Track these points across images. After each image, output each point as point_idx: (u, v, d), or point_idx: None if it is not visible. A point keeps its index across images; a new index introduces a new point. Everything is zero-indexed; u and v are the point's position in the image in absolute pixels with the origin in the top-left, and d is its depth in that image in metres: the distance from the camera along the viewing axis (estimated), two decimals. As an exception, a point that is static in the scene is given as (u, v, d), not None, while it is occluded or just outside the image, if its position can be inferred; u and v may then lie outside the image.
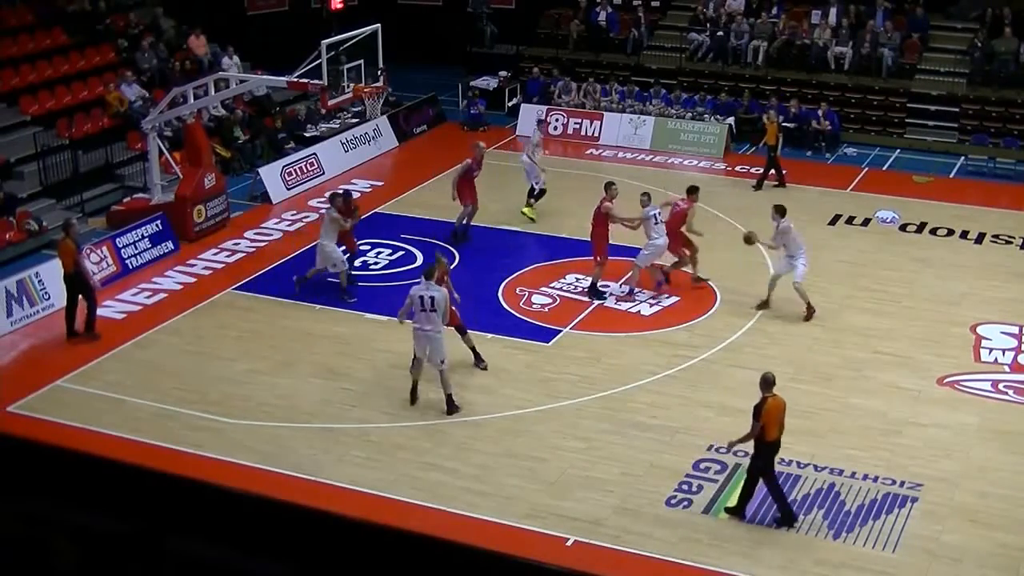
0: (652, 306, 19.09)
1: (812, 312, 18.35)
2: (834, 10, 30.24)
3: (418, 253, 21.05)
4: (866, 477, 14.22)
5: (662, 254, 19.24)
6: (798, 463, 14.28)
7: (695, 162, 27.25)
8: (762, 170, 25.24)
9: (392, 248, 21.54)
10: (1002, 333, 18.17)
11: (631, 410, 15.84)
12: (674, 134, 28.14)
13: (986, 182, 26.00)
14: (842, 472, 14.30)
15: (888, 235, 22.51)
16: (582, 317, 18.75)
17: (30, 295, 18.69)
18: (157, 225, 21.42)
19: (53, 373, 16.98)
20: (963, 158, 27.46)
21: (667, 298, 19.24)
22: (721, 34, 30.74)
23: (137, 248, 20.90)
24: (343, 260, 19.32)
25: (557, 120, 28.76)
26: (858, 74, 29.35)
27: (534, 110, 29.29)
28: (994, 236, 22.28)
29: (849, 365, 17.12)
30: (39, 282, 18.82)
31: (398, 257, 21.17)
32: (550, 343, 17.93)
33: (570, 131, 28.90)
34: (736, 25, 30.65)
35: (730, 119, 28.38)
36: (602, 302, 19.23)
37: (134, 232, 20.99)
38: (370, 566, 3.13)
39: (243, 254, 21.74)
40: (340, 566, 3.14)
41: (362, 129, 27.97)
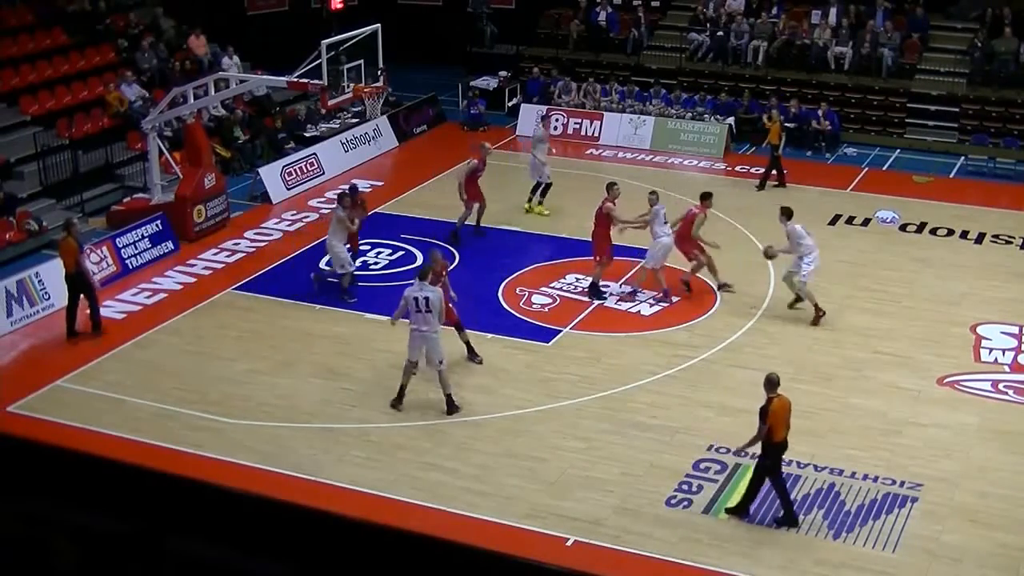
0: (652, 306, 19.10)
1: (820, 315, 18.15)
2: (834, 10, 30.24)
3: (418, 253, 21.03)
4: (866, 477, 14.22)
5: (669, 252, 19.19)
6: (798, 463, 14.27)
7: (695, 162, 27.25)
8: (764, 170, 25.23)
9: (392, 248, 21.55)
10: (1002, 333, 18.18)
11: (631, 410, 15.84)
12: (674, 134, 28.14)
13: (986, 182, 26.00)
14: (842, 472, 14.31)
15: (888, 235, 22.51)
16: (582, 317, 18.75)
17: (30, 295, 18.69)
18: (157, 225, 21.43)
19: (53, 373, 16.99)
20: (963, 158, 27.46)
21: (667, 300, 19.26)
22: (721, 34, 30.74)
23: (137, 248, 20.91)
24: (350, 262, 19.33)
25: (557, 120, 28.73)
26: (858, 74, 29.35)
27: (534, 110, 29.31)
28: (994, 236, 22.28)
29: (849, 365, 17.12)
30: (39, 282, 18.83)
31: (398, 257, 21.17)
32: (550, 343, 17.93)
33: (570, 131, 28.90)
34: (736, 25, 30.65)
35: (730, 119, 28.38)
36: (602, 302, 19.23)
37: (134, 232, 21.00)
38: (370, 566, 3.13)
39: (243, 254, 21.75)
40: (340, 566, 3.14)
41: (362, 129, 27.97)
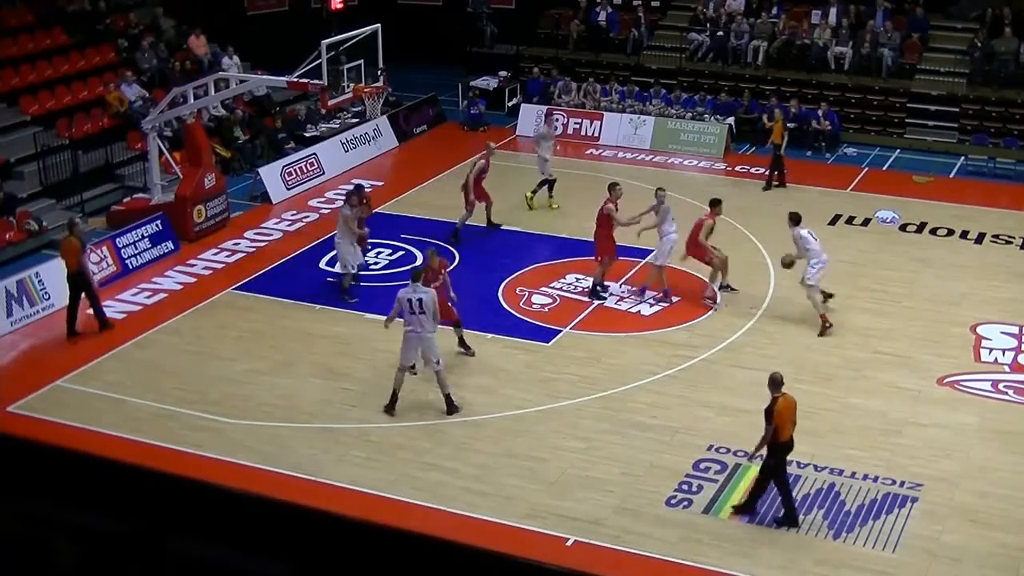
0: (652, 306, 19.10)
1: (827, 327, 17.88)
2: (834, 10, 30.24)
3: (418, 253, 21.00)
4: (866, 477, 14.22)
5: (674, 247, 19.19)
6: (798, 463, 14.26)
7: (695, 162, 27.25)
8: (768, 171, 25.19)
9: (392, 248, 21.55)
10: (1002, 333, 18.17)
11: (631, 410, 15.84)
12: (674, 134, 28.14)
13: (986, 182, 26.00)
14: (842, 472, 14.30)
15: (888, 235, 22.51)
16: (582, 317, 18.75)
17: (30, 295, 18.70)
18: (157, 225, 21.43)
19: (53, 373, 16.99)
20: (963, 158, 27.46)
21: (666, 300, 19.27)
22: (721, 34, 30.74)
23: (137, 248, 20.91)
24: (353, 264, 19.33)
25: (557, 120, 28.71)
26: (858, 74, 29.35)
27: (534, 110, 29.35)
28: (994, 236, 22.27)
29: (849, 365, 17.11)
30: (39, 282, 18.83)
31: (398, 257, 21.17)
32: (550, 343, 17.93)
33: (570, 131, 28.88)
34: (736, 25, 30.65)
35: (730, 119, 28.37)
36: (602, 302, 19.23)
37: (134, 232, 21.01)
38: (370, 566, 3.13)
39: (243, 254, 21.75)
40: (340, 566, 3.14)
41: (362, 129, 27.97)
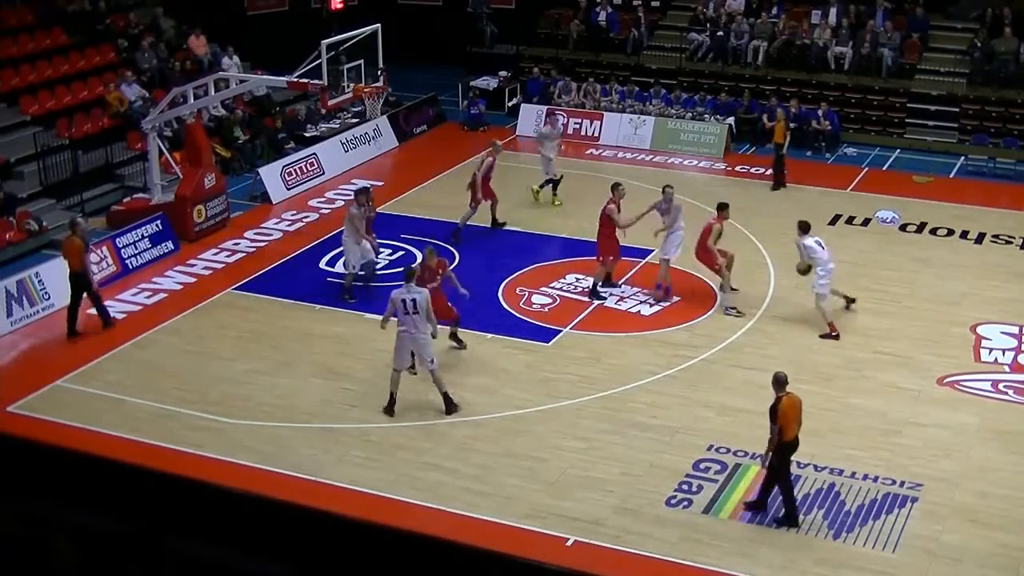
0: (652, 306, 19.11)
1: (834, 335, 17.76)
2: (834, 10, 30.23)
3: (418, 253, 20.99)
4: (866, 477, 14.22)
5: (682, 242, 19.14)
6: (798, 463, 14.21)
7: (695, 162, 27.25)
8: (773, 172, 25.13)
9: (392, 248, 21.54)
10: (1002, 333, 18.17)
11: (631, 410, 15.84)
12: (674, 134, 28.13)
13: (986, 182, 25.99)
14: (842, 472, 14.30)
15: (888, 235, 22.51)
16: (582, 317, 18.75)
17: (30, 295, 18.70)
18: (157, 225, 21.43)
19: (53, 373, 16.99)
20: (963, 158, 27.45)
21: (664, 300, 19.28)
22: (721, 34, 30.74)
23: (137, 248, 20.92)
24: (356, 265, 19.36)
25: (560, 120, 28.69)
26: (858, 74, 29.35)
27: (534, 110, 29.36)
28: (994, 236, 22.27)
29: (849, 365, 17.11)
30: (39, 282, 18.84)
31: (398, 257, 21.16)
32: (550, 343, 17.93)
33: (570, 131, 28.84)
34: (736, 25, 30.64)
35: (730, 119, 28.37)
36: (602, 302, 19.23)
37: (134, 232, 21.01)
38: (370, 566, 3.13)
39: (243, 254, 21.75)
40: (340, 566, 3.14)
41: (362, 129, 27.97)
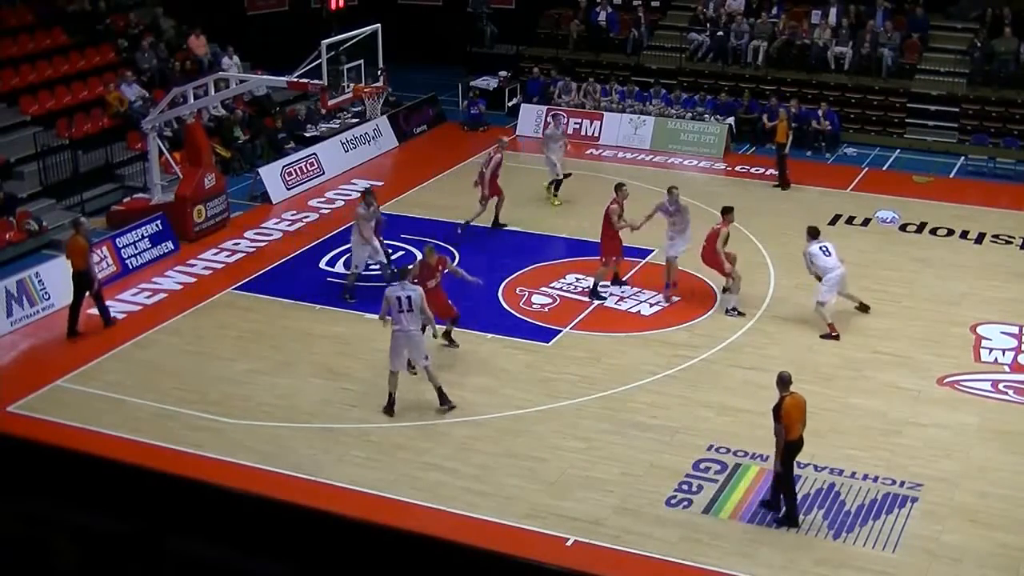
0: (652, 306, 19.11)
1: (834, 336, 17.73)
2: (834, 10, 30.23)
3: (418, 253, 20.99)
4: (866, 477, 14.22)
5: (689, 241, 19.17)
6: (798, 463, 14.21)
7: (695, 162, 27.25)
8: (777, 171, 25.10)
9: (392, 248, 21.52)
10: (1002, 333, 18.16)
11: (631, 410, 15.83)
12: (674, 134, 28.13)
13: (986, 182, 25.99)
14: (842, 472, 14.30)
15: (888, 235, 22.50)
16: (582, 317, 18.75)
17: (30, 295, 18.70)
18: (157, 225, 21.43)
19: (53, 373, 16.99)
20: (963, 158, 27.45)
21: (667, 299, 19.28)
22: (721, 34, 30.73)
23: (137, 248, 20.91)
24: (359, 266, 19.36)
25: (560, 120, 28.71)
26: (858, 74, 29.34)
27: (534, 110, 29.37)
28: (994, 236, 22.27)
29: (849, 365, 17.11)
30: (39, 282, 18.84)
31: (398, 257, 21.15)
32: (550, 343, 17.93)
33: (570, 131, 28.77)
34: (736, 25, 30.64)
35: (730, 119, 28.37)
36: (602, 302, 19.23)
37: (134, 232, 21.01)
38: (370, 566, 3.13)
39: (243, 254, 21.75)
40: (340, 566, 3.14)
41: (362, 129, 27.97)
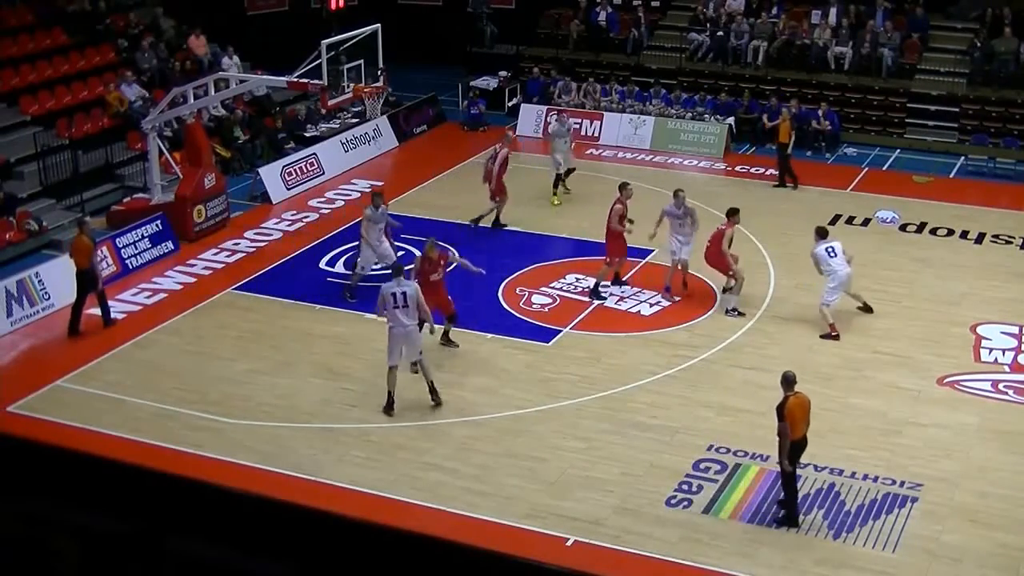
0: (652, 306, 19.11)
1: (833, 335, 17.75)
2: (834, 10, 30.23)
3: (418, 253, 20.97)
4: (866, 477, 14.22)
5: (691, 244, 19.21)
6: (799, 463, 14.24)
7: (695, 162, 27.25)
8: (788, 171, 25.07)
9: (392, 248, 21.50)
10: (1002, 333, 18.17)
11: (631, 410, 15.84)
12: (674, 134, 28.13)
13: (986, 182, 25.99)
14: (842, 472, 14.30)
15: (888, 235, 22.50)
16: (582, 317, 18.75)
17: (30, 295, 18.70)
18: (157, 225, 21.43)
19: (53, 373, 16.99)
20: (963, 158, 27.45)
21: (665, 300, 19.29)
22: (721, 34, 30.74)
23: (137, 248, 20.91)
24: (364, 268, 19.36)
25: (566, 117, 28.70)
26: (858, 74, 29.34)
27: (534, 110, 29.37)
28: (994, 236, 22.27)
29: (849, 365, 17.11)
30: (39, 282, 18.84)
31: (398, 256, 21.10)
32: (550, 343, 17.93)
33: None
34: (736, 25, 30.64)
35: (730, 119, 28.37)
36: (602, 302, 19.24)
37: (134, 232, 21.01)
38: (370, 566, 3.13)
39: (243, 254, 21.75)
40: (340, 566, 3.14)
41: (362, 129, 27.97)
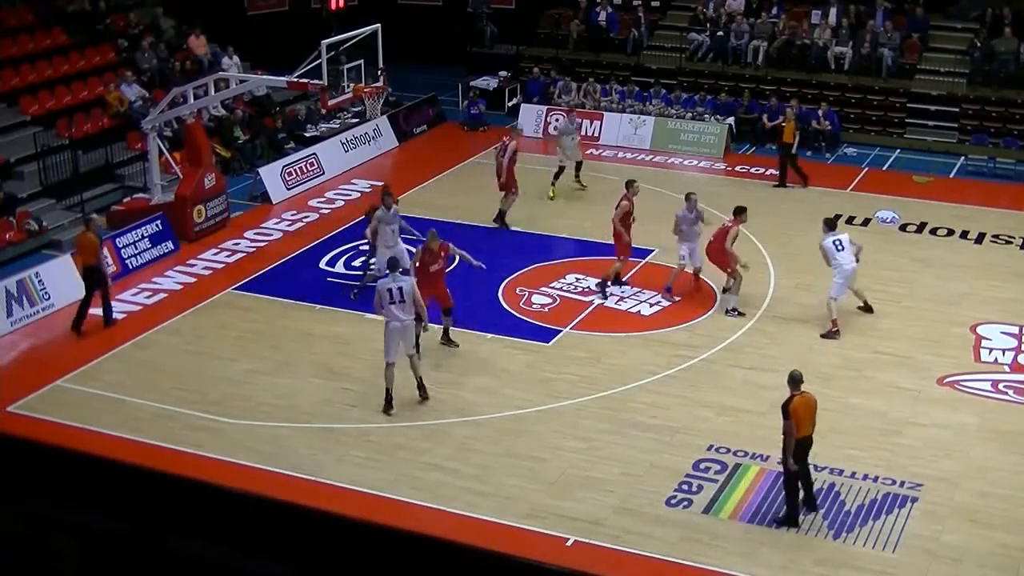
0: (652, 306, 19.11)
1: (834, 333, 17.76)
2: (834, 10, 30.23)
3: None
4: (866, 477, 14.22)
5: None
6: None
7: (695, 162, 27.24)
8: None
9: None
10: (1002, 333, 18.16)
11: (631, 410, 15.83)
12: (674, 134, 28.13)
13: (986, 182, 25.99)
14: (842, 472, 14.30)
15: (888, 235, 22.50)
16: (582, 317, 18.75)
17: (30, 295, 18.70)
18: (157, 225, 21.43)
19: (53, 373, 16.98)
20: (963, 158, 27.45)
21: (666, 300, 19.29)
22: (721, 34, 30.73)
23: (137, 248, 20.91)
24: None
25: (557, 120, 28.72)
26: (858, 74, 29.34)
27: (534, 110, 29.38)
28: (994, 236, 22.26)
29: (849, 365, 17.11)
30: (39, 282, 18.84)
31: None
32: (550, 343, 17.93)
33: (570, 131, 28.88)
34: (736, 25, 30.64)
35: (730, 119, 28.37)
36: (603, 302, 19.24)
37: (134, 232, 21.00)
38: (370, 566, 3.13)
39: (243, 254, 21.75)
40: (340, 566, 3.14)
41: (362, 129, 27.96)
